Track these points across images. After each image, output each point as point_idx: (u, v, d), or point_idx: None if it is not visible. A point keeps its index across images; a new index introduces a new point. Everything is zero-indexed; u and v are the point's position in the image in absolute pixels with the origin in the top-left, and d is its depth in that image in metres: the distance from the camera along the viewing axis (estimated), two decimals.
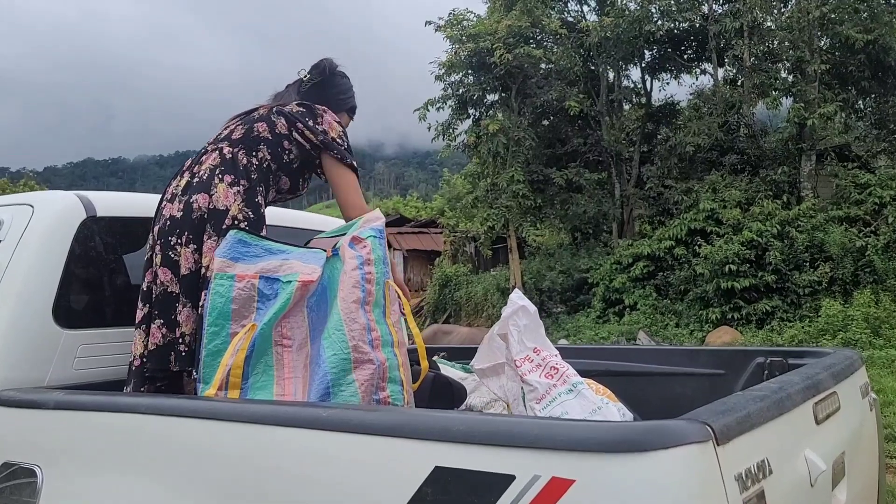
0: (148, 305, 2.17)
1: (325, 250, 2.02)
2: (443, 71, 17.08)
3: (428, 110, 17.27)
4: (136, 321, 2.20)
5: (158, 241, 2.18)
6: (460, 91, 17.24)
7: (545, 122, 19.11)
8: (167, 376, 2.14)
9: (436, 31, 17.08)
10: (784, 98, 15.98)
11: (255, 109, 2.39)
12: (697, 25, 17.60)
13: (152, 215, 2.29)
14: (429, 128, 17.42)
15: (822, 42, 15.59)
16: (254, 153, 2.27)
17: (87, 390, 2.02)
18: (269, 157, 2.29)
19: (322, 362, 1.77)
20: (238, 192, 2.18)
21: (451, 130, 17.63)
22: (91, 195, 2.34)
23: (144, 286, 2.21)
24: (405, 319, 2.07)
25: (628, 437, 1.11)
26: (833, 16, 14.78)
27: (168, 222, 2.18)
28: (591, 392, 2.39)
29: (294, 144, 2.31)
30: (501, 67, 16.06)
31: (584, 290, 16.94)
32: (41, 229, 2.23)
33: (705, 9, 17.48)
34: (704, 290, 14.24)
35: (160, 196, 2.32)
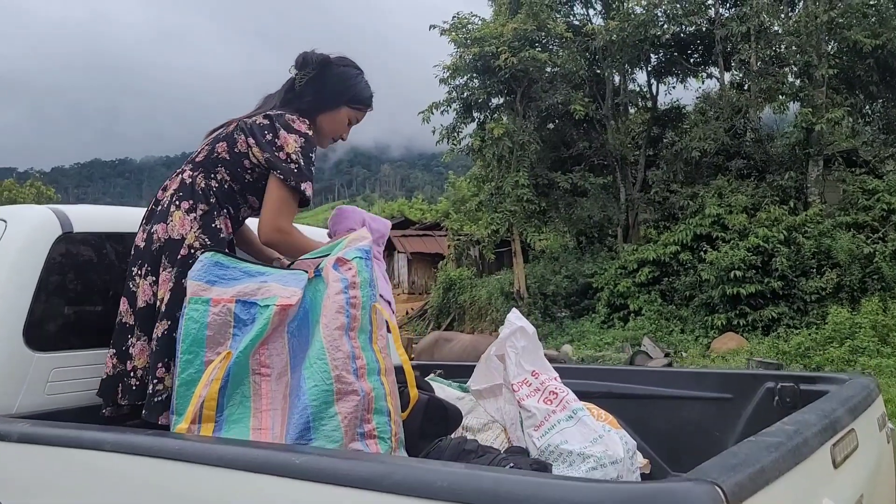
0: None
1: (306, 272, 1.91)
2: (447, 74, 16.98)
3: (432, 113, 17.17)
4: None
5: (127, 270, 2.11)
6: (465, 94, 17.14)
7: (550, 126, 19.01)
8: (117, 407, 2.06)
9: (441, 34, 16.98)
10: (791, 103, 15.85)
11: (227, 124, 2.24)
12: (704, 29, 17.48)
13: (133, 231, 2.19)
14: (433, 131, 17.33)
15: (830, 46, 15.44)
16: (212, 175, 2.14)
17: (54, 421, 1.89)
18: (228, 179, 2.15)
19: (302, 394, 1.65)
20: (194, 218, 2.07)
21: (455, 134, 17.53)
22: (68, 209, 2.23)
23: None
24: (393, 344, 1.95)
25: (629, 502, 0.99)
26: (841, 20, 14.63)
27: (133, 252, 2.12)
28: (592, 419, 2.28)
29: (255, 162, 2.14)
30: (506, 71, 15.95)
31: (588, 295, 16.82)
32: (13, 246, 2.12)
33: (712, 13, 17.36)
34: (710, 295, 14.11)
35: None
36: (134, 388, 1.98)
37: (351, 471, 1.19)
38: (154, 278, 2.03)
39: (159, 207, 2.13)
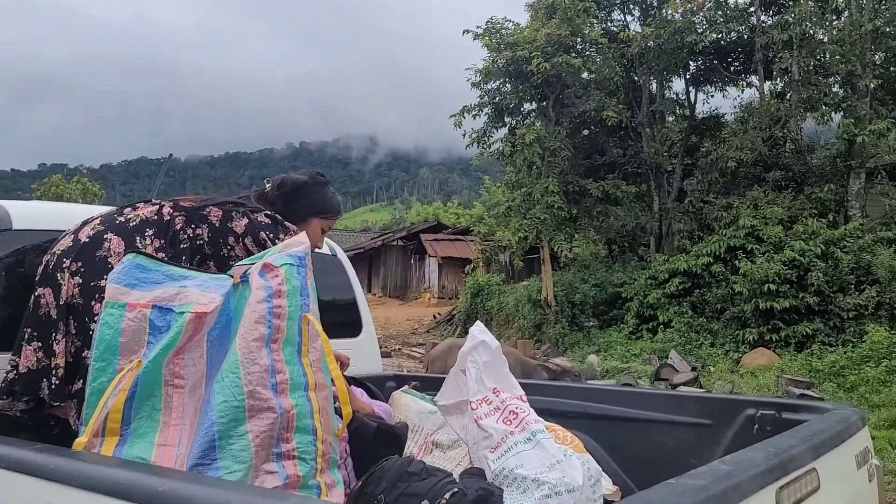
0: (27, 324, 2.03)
1: (231, 276, 1.82)
2: (479, 78, 16.88)
3: (464, 117, 17.09)
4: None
5: (52, 258, 2.03)
6: (497, 99, 17.01)
7: (584, 133, 18.78)
8: (35, 402, 1.99)
9: (474, 39, 16.89)
10: (833, 113, 15.37)
11: (235, 200, 2.34)
12: (745, 37, 17.08)
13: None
14: (464, 134, 17.25)
15: (875, 56, 14.93)
16: (193, 225, 2.16)
17: None
18: (206, 239, 2.18)
19: (210, 409, 1.56)
20: (163, 258, 2.02)
21: (486, 138, 17.41)
22: (10, 205, 2.18)
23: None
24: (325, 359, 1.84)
25: None
26: (887, 29, 14.16)
27: (72, 244, 2.05)
28: (552, 442, 2.14)
29: (242, 248, 2.20)
30: (539, 76, 15.78)
31: (617, 305, 16.53)
32: None
33: (753, 20, 16.94)
34: (742, 309, 13.73)
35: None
36: (55, 386, 1.92)
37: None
38: (80, 280, 1.96)
39: (120, 219, 2.11)
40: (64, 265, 2.01)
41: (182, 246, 2.11)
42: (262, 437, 1.55)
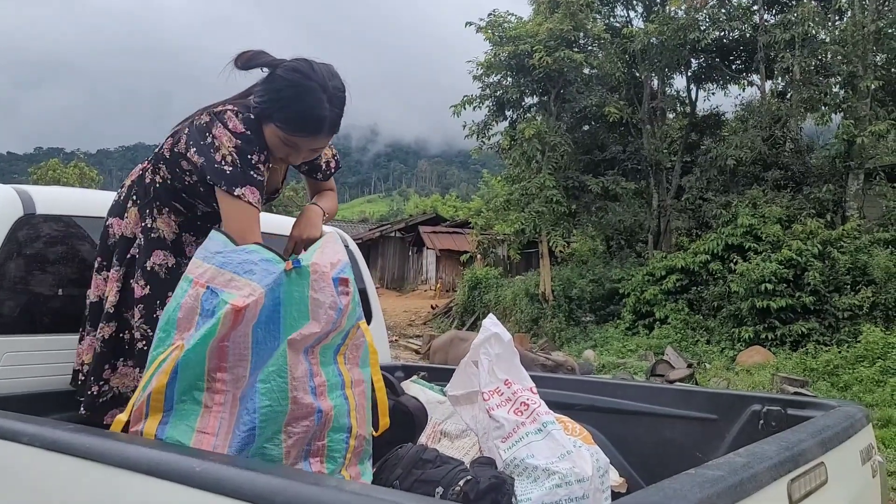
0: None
1: (284, 259, 1.74)
2: (481, 71, 16.86)
3: (464, 108, 17.07)
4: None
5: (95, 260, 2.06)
6: (498, 92, 17.01)
7: (585, 128, 18.79)
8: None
9: (476, 31, 16.87)
10: (834, 114, 15.41)
11: (193, 115, 2.05)
12: (748, 35, 17.09)
13: (100, 214, 2.15)
14: (464, 125, 17.23)
15: (877, 57, 14.96)
16: (157, 171, 2.03)
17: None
18: (169, 177, 2.01)
19: (254, 410, 1.56)
20: (145, 215, 2.00)
21: (486, 130, 17.41)
22: (32, 190, 2.20)
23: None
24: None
25: None
26: (890, 30, 14.17)
27: (98, 241, 2.07)
28: (562, 433, 2.19)
29: (194, 165, 1.95)
30: (541, 70, 15.78)
31: (614, 301, 16.58)
32: None
33: (756, 19, 16.96)
34: (738, 307, 13.79)
35: None
36: (80, 383, 1.94)
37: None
38: (107, 274, 1.98)
39: (119, 198, 2.08)
40: (95, 263, 2.04)
41: (156, 202, 1.99)
42: (295, 439, 1.57)
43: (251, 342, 1.69)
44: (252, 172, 1.88)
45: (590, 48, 17.30)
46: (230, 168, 1.85)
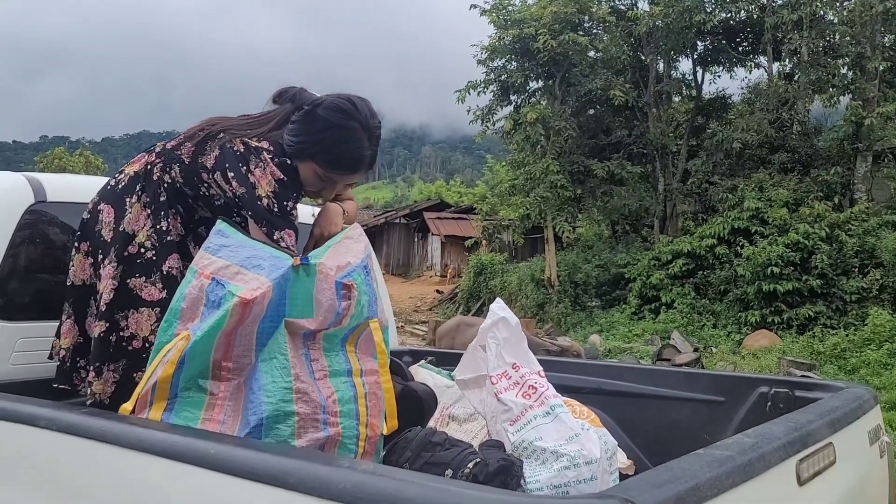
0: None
1: (293, 255, 1.76)
2: (485, 55, 16.78)
3: (468, 93, 17.01)
4: None
5: (72, 238, 2.05)
6: (503, 77, 16.93)
7: (590, 112, 18.69)
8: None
9: (480, 14, 16.78)
10: (842, 96, 15.29)
11: (212, 125, 2.01)
12: (755, 17, 16.93)
13: None
14: (468, 111, 17.18)
15: (885, 38, 14.82)
16: (168, 170, 1.99)
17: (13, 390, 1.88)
18: (181, 181, 1.98)
19: (259, 388, 1.58)
20: (148, 215, 1.96)
21: (490, 115, 17.35)
22: (43, 178, 2.21)
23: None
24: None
25: None
26: None
27: (80, 222, 2.03)
28: (570, 416, 2.20)
29: (215, 183, 1.93)
30: (545, 54, 15.69)
31: (620, 286, 16.58)
32: None
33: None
34: (745, 291, 13.78)
35: None
36: (56, 366, 1.94)
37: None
38: (92, 260, 1.96)
39: (118, 186, 2.03)
40: (77, 246, 2.01)
41: (161, 198, 1.97)
42: (305, 419, 1.58)
43: (257, 334, 1.71)
44: (290, 217, 1.92)
45: (595, 31, 17.19)
46: (267, 211, 1.88)
